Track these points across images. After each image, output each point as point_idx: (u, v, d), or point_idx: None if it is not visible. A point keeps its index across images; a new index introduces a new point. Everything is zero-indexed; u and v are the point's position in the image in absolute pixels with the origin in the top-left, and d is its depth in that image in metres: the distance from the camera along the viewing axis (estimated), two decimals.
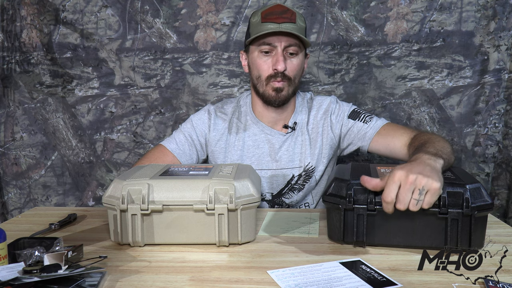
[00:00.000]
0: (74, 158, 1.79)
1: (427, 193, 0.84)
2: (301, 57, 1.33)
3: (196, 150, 1.41)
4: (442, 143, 1.08)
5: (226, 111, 1.44)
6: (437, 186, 0.84)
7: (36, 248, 0.82)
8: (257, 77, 1.34)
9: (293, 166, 1.38)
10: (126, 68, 1.72)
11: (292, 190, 1.39)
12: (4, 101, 1.77)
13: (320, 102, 1.42)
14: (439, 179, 0.86)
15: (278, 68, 1.27)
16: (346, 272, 0.81)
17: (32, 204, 1.81)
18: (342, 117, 1.38)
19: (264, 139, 1.39)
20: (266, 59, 1.30)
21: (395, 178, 0.85)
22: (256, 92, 1.37)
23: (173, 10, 1.68)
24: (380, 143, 1.32)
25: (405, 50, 1.64)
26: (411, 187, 0.84)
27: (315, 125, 1.39)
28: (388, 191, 0.85)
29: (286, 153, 1.38)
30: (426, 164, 0.90)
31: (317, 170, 1.39)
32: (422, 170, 0.86)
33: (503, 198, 1.68)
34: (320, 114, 1.40)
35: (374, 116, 1.37)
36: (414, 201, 0.84)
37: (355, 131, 1.36)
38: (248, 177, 0.99)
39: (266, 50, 1.29)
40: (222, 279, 0.80)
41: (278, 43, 1.27)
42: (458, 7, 1.60)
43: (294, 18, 1.28)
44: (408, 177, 0.84)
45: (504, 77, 1.62)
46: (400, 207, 0.85)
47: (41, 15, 1.71)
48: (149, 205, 0.94)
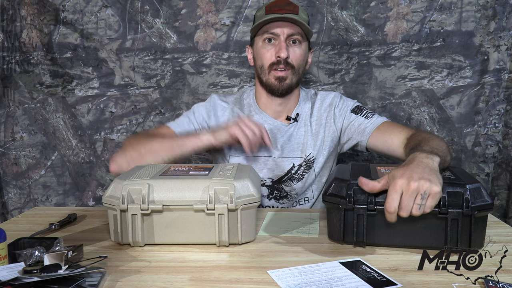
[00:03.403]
0: (74, 158, 1.79)
1: (428, 197, 0.84)
2: (304, 48, 1.36)
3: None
4: (437, 142, 1.08)
5: (228, 100, 1.46)
6: (438, 190, 0.83)
7: (36, 248, 0.82)
8: (260, 67, 1.37)
9: (294, 155, 1.39)
10: (126, 68, 1.72)
11: (291, 179, 1.40)
12: (4, 101, 1.77)
13: (324, 96, 1.44)
14: (439, 181, 0.86)
15: (281, 55, 1.30)
16: (346, 272, 0.81)
17: (32, 204, 1.81)
18: (346, 111, 1.40)
19: (267, 128, 1.40)
20: (270, 48, 1.34)
21: (397, 186, 0.84)
22: (260, 83, 1.40)
23: (173, 10, 1.68)
24: (378, 139, 1.32)
25: (405, 50, 1.64)
26: (413, 194, 0.83)
27: (319, 117, 1.41)
28: (390, 200, 0.84)
29: (288, 142, 1.40)
30: (424, 165, 0.89)
31: (317, 161, 1.40)
32: (422, 174, 0.85)
33: (503, 198, 1.68)
34: (324, 107, 1.42)
35: (376, 114, 1.39)
36: (417, 206, 0.83)
37: (356, 125, 1.37)
38: (248, 177, 0.99)
39: (269, 37, 1.33)
40: (222, 279, 0.80)
41: (281, 31, 1.31)
42: (458, 7, 1.60)
43: (297, 10, 1.32)
44: (410, 184, 0.83)
45: (504, 77, 1.62)
46: (402, 215, 0.84)
47: (41, 15, 1.71)
48: (149, 205, 0.94)
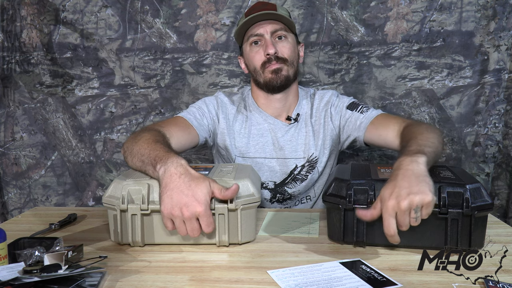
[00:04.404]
0: (74, 158, 1.79)
1: (422, 207, 0.83)
2: (291, 40, 1.37)
3: (208, 124, 1.39)
4: (426, 135, 1.07)
5: (233, 99, 1.46)
6: (429, 199, 0.83)
7: (36, 248, 0.82)
8: (254, 70, 1.37)
9: (297, 156, 1.39)
10: (126, 68, 1.72)
11: (295, 180, 1.40)
12: (4, 101, 1.77)
13: (322, 95, 1.44)
14: (429, 187, 0.85)
15: (270, 52, 1.31)
16: (346, 272, 0.81)
17: (32, 204, 1.81)
18: (341, 108, 1.40)
19: (267, 128, 1.40)
20: (257, 49, 1.34)
21: (389, 210, 0.83)
22: (257, 85, 1.39)
23: (173, 10, 1.68)
24: (374, 133, 1.31)
25: (405, 50, 1.64)
26: (406, 212, 0.83)
27: (318, 117, 1.41)
28: (387, 225, 0.84)
29: (290, 143, 1.40)
30: (409, 174, 0.87)
31: (320, 161, 1.40)
32: (409, 188, 0.84)
33: (503, 198, 1.68)
34: (321, 106, 1.42)
35: (371, 107, 1.38)
36: (413, 220, 0.84)
37: (353, 121, 1.37)
38: (248, 177, 0.99)
39: (255, 40, 1.34)
40: (222, 279, 0.80)
41: (264, 30, 1.33)
42: (458, 7, 1.60)
43: (275, 8, 1.34)
44: (400, 204, 0.82)
45: (504, 77, 1.62)
46: (403, 229, 0.84)
47: (41, 15, 1.71)
48: (149, 205, 0.94)
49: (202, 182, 0.89)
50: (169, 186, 0.89)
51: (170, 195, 0.88)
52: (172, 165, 0.92)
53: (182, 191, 0.87)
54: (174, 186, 0.88)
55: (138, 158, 1.02)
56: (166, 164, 0.93)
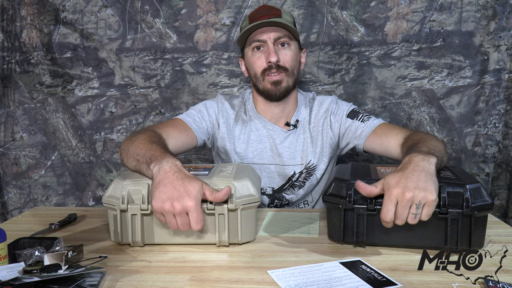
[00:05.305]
0: (74, 158, 1.79)
1: (424, 205, 0.84)
2: (294, 48, 1.35)
3: (207, 128, 1.39)
4: (434, 142, 1.08)
5: (234, 104, 1.45)
6: (433, 198, 0.83)
7: (36, 248, 0.82)
8: (254, 75, 1.36)
9: (295, 163, 1.39)
10: (126, 68, 1.72)
11: (292, 187, 1.40)
12: (4, 101, 1.77)
13: (321, 101, 1.43)
14: (435, 187, 0.85)
15: (271, 60, 1.30)
16: (346, 272, 0.81)
17: (32, 204, 1.81)
18: (341, 116, 1.39)
19: (266, 134, 1.40)
20: (259, 55, 1.33)
21: (392, 196, 0.84)
22: (257, 91, 1.39)
23: (173, 10, 1.68)
24: (375, 142, 1.31)
25: (405, 50, 1.64)
26: (408, 204, 0.83)
27: (316, 124, 1.41)
28: (386, 211, 0.84)
29: (288, 149, 1.39)
30: (420, 170, 0.88)
31: (319, 168, 1.39)
32: (417, 182, 0.85)
33: (503, 198, 1.68)
34: (320, 113, 1.41)
35: (372, 116, 1.38)
36: (412, 216, 0.84)
37: (353, 130, 1.36)
38: (248, 177, 0.99)
39: (257, 45, 1.33)
40: (222, 279, 0.80)
41: (267, 37, 1.31)
42: (458, 7, 1.60)
43: (280, 14, 1.32)
44: (404, 194, 0.83)
45: (504, 77, 1.62)
46: (398, 223, 0.85)
47: (41, 15, 1.71)
48: (149, 205, 0.94)
49: (195, 180, 0.90)
50: (163, 182, 0.90)
51: (162, 190, 0.88)
52: (167, 164, 0.93)
53: (174, 187, 0.88)
54: (167, 182, 0.89)
55: (134, 158, 1.03)
56: (161, 163, 0.94)
